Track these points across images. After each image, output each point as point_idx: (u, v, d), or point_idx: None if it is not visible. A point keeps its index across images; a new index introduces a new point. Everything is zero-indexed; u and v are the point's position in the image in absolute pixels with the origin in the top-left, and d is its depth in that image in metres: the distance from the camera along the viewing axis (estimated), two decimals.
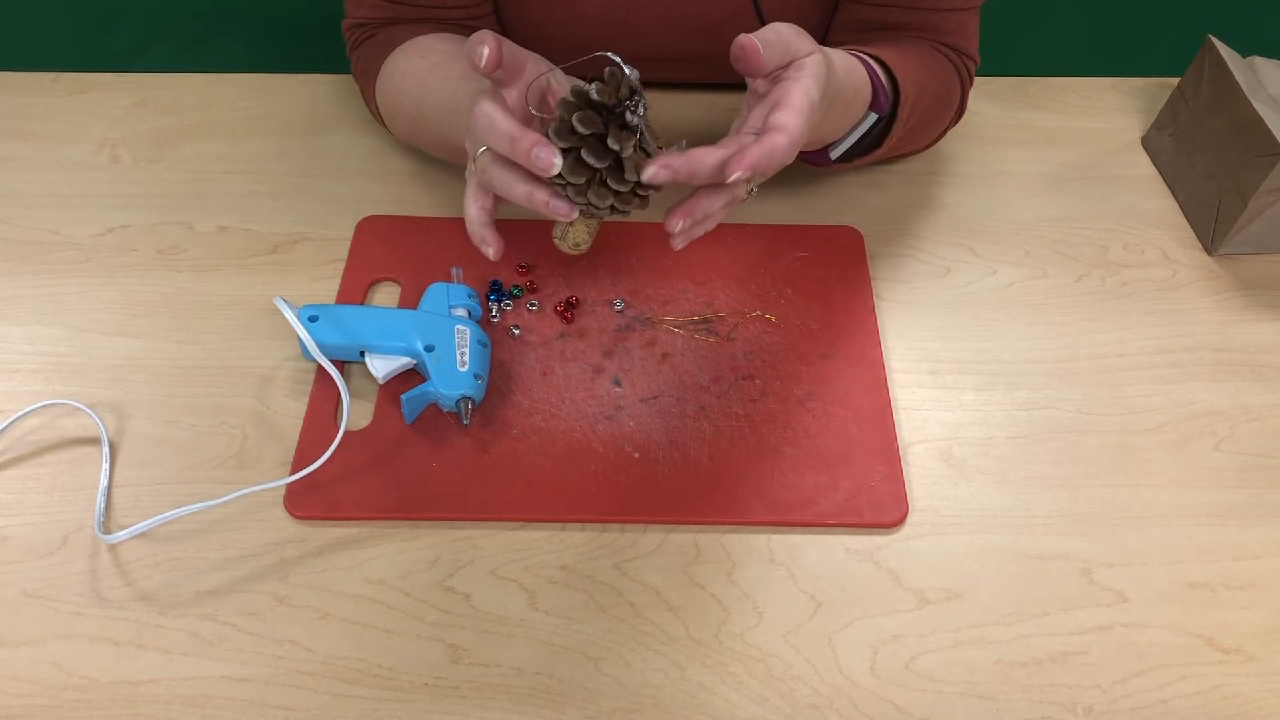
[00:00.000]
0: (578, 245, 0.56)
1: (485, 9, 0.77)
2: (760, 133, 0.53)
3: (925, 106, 0.71)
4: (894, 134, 0.69)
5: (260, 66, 0.89)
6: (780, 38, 0.54)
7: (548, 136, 0.51)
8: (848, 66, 0.62)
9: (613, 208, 0.53)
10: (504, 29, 0.80)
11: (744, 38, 0.53)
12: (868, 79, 0.64)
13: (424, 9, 0.75)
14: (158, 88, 0.87)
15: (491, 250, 0.58)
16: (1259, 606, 0.57)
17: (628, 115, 0.50)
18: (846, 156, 0.70)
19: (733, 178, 0.51)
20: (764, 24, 0.76)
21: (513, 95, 0.56)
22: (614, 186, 0.52)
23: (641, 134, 0.51)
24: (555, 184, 0.52)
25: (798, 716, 0.52)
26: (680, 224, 0.55)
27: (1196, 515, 0.61)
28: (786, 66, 0.55)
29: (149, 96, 0.86)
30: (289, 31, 1.56)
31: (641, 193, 0.53)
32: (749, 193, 0.56)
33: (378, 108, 0.76)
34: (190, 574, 0.57)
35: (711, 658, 0.54)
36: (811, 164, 0.72)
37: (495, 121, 0.52)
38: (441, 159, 0.77)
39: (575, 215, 0.53)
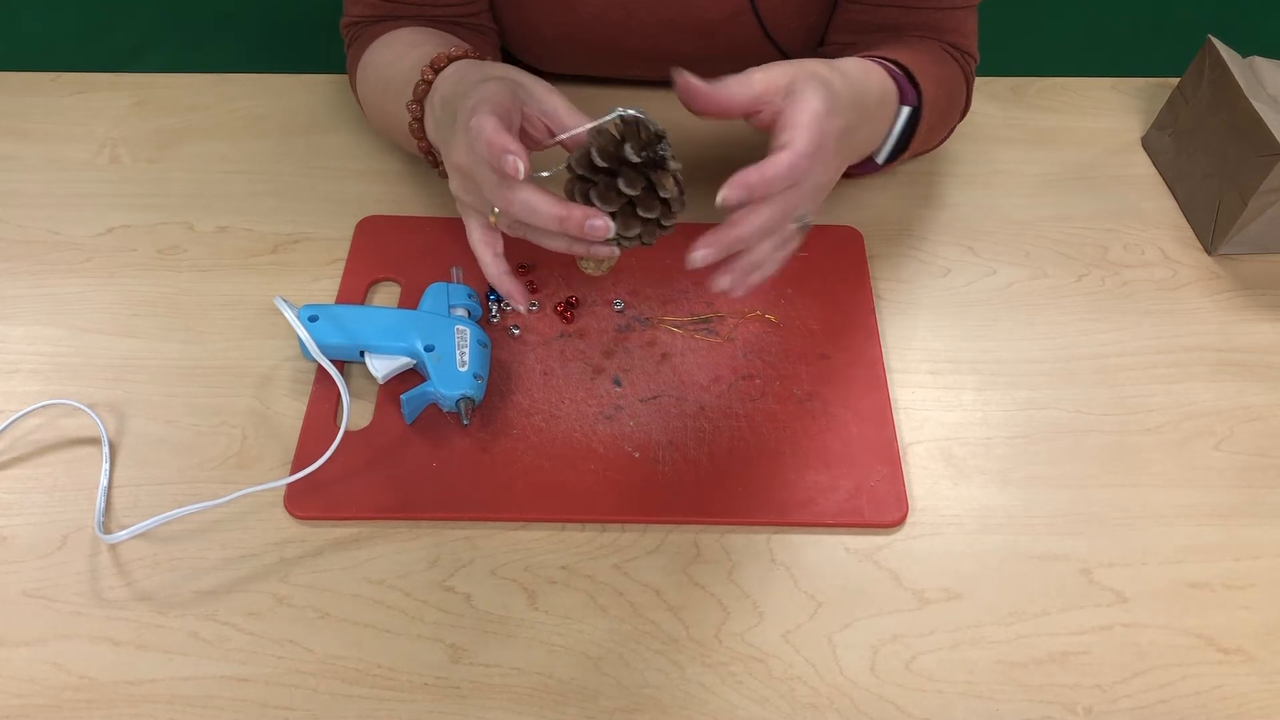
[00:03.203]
0: (599, 266, 0.59)
1: (479, 6, 0.77)
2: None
3: (943, 105, 0.71)
4: (920, 133, 0.69)
5: (260, 66, 0.89)
6: (739, 76, 0.55)
7: (590, 201, 0.53)
8: (863, 69, 0.62)
9: (659, 223, 0.55)
10: (500, 28, 0.80)
11: (683, 81, 0.53)
12: (889, 76, 0.64)
13: (417, 6, 0.75)
14: (158, 88, 0.87)
15: (521, 303, 0.59)
16: (1259, 606, 0.57)
17: (673, 163, 0.52)
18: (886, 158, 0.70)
19: (719, 201, 0.51)
20: (762, 24, 0.76)
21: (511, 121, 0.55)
22: (665, 223, 0.54)
23: (677, 173, 0.53)
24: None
25: (798, 716, 0.52)
26: (728, 280, 0.55)
27: (1196, 515, 0.61)
28: (786, 96, 0.54)
29: (149, 96, 0.86)
30: (289, 31, 1.56)
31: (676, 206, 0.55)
32: (801, 228, 0.56)
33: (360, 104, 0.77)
34: (190, 574, 0.57)
35: (711, 658, 0.54)
36: (859, 174, 0.72)
37: (538, 206, 0.52)
38: (408, 151, 0.75)
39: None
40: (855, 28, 0.75)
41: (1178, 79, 0.81)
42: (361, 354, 0.63)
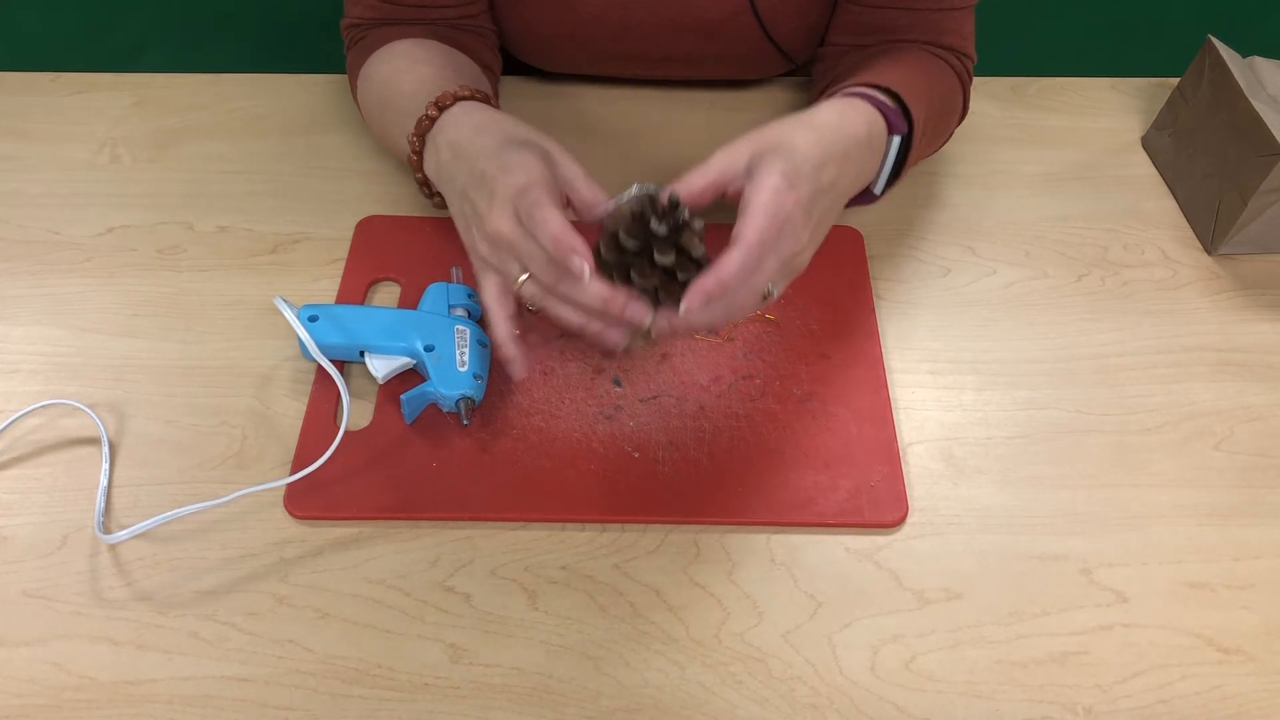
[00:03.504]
0: (647, 339, 0.59)
1: (479, 8, 0.77)
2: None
3: (935, 120, 0.71)
4: (911, 156, 0.68)
5: (260, 66, 0.89)
6: (699, 166, 0.56)
7: (629, 280, 0.54)
8: (842, 114, 0.61)
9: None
10: (500, 29, 0.80)
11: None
12: (874, 111, 0.63)
13: (417, 9, 0.75)
14: (158, 88, 0.87)
15: (520, 371, 0.59)
16: (1259, 606, 0.57)
17: (695, 223, 0.53)
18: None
19: (682, 310, 0.52)
20: (761, 24, 0.76)
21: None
22: (683, 278, 0.54)
23: (700, 232, 0.54)
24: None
25: (798, 716, 0.52)
26: (664, 329, 0.55)
27: (1196, 515, 0.61)
28: (746, 176, 0.55)
29: (149, 96, 0.86)
30: (289, 31, 1.56)
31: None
32: (766, 297, 0.56)
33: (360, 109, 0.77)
34: (190, 574, 0.57)
35: (711, 658, 0.54)
36: (860, 205, 0.71)
37: (592, 293, 0.53)
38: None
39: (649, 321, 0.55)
40: (855, 29, 0.75)
41: (1178, 79, 0.81)
42: (361, 354, 0.63)
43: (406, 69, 0.70)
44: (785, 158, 0.55)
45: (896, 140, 0.65)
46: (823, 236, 0.60)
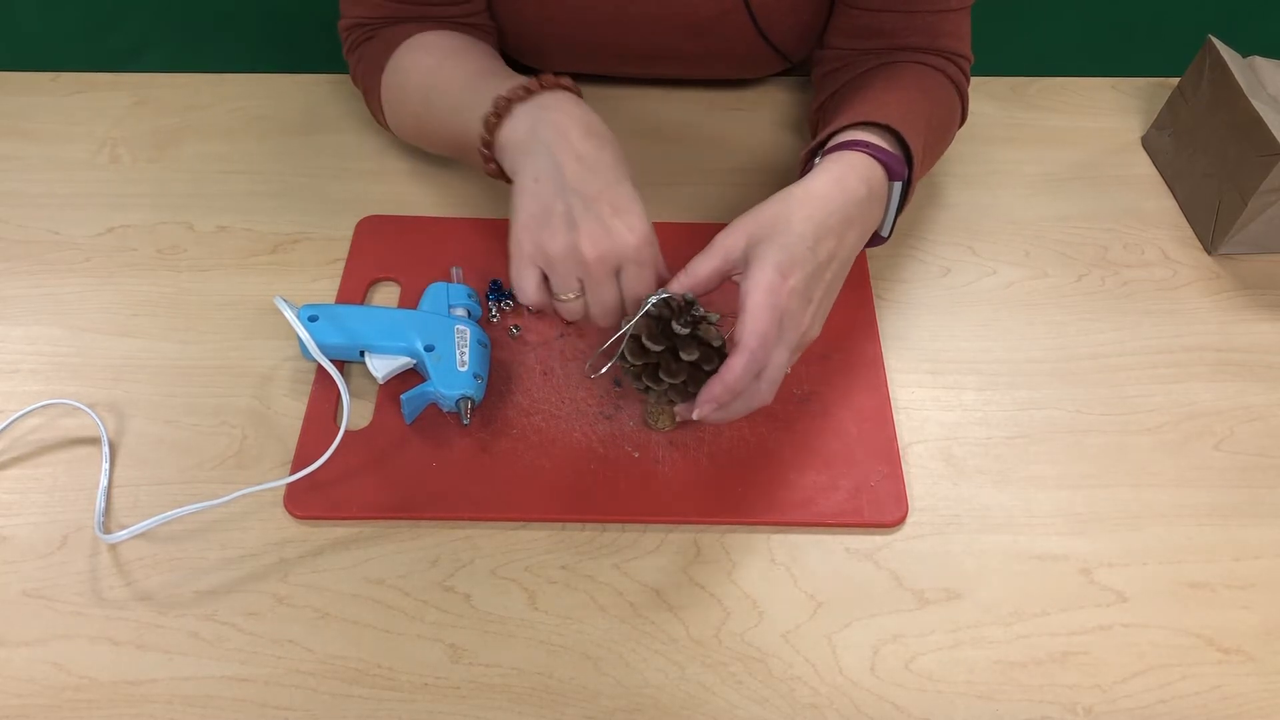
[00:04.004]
0: (673, 420, 0.62)
1: (478, 5, 0.76)
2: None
3: (934, 143, 0.70)
4: (911, 188, 0.67)
5: (260, 66, 0.89)
6: (700, 254, 0.57)
7: (659, 380, 0.56)
8: (839, 179, 0.60)
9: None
10: (497, 25, 0.80)
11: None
12: (872, 164, 0.62)
13: (420, 6, 0.74)
14: (158, 88, 0.87)
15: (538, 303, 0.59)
16: (1259, 606, 0.57)
17: (710, 315, 0.56)
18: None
19: (696, 415, 0.54)
20: (755, 22, 0.76)
21: None
22: (708, 369, 0.56)
23: (717, 322, 0.56)
24: (654, 390, 0.57)
25: (798, 716, 0.52)
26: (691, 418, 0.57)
27: (1196, 515, 0.61)
28: (744, 265, 0.56)
29: (149, 96, 0.86)
30: (289, 31, 1.56)
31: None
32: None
33: (382, 108, 0.76)
34: (190, 574, 0.57)
35: (711, 658, 0.54)
36: (870, 248, 0.71)
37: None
38: (447, 156, 0.77)
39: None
40: (853, 32, 0.75)
41: (1178, 79, 0.81)
42: (361, 354, 0.63)
43: (444, 60, 0.70)
44: (780, 246, 0.55)
45: (898, 186, 0.64)
46: (830, 304, 0.60)
